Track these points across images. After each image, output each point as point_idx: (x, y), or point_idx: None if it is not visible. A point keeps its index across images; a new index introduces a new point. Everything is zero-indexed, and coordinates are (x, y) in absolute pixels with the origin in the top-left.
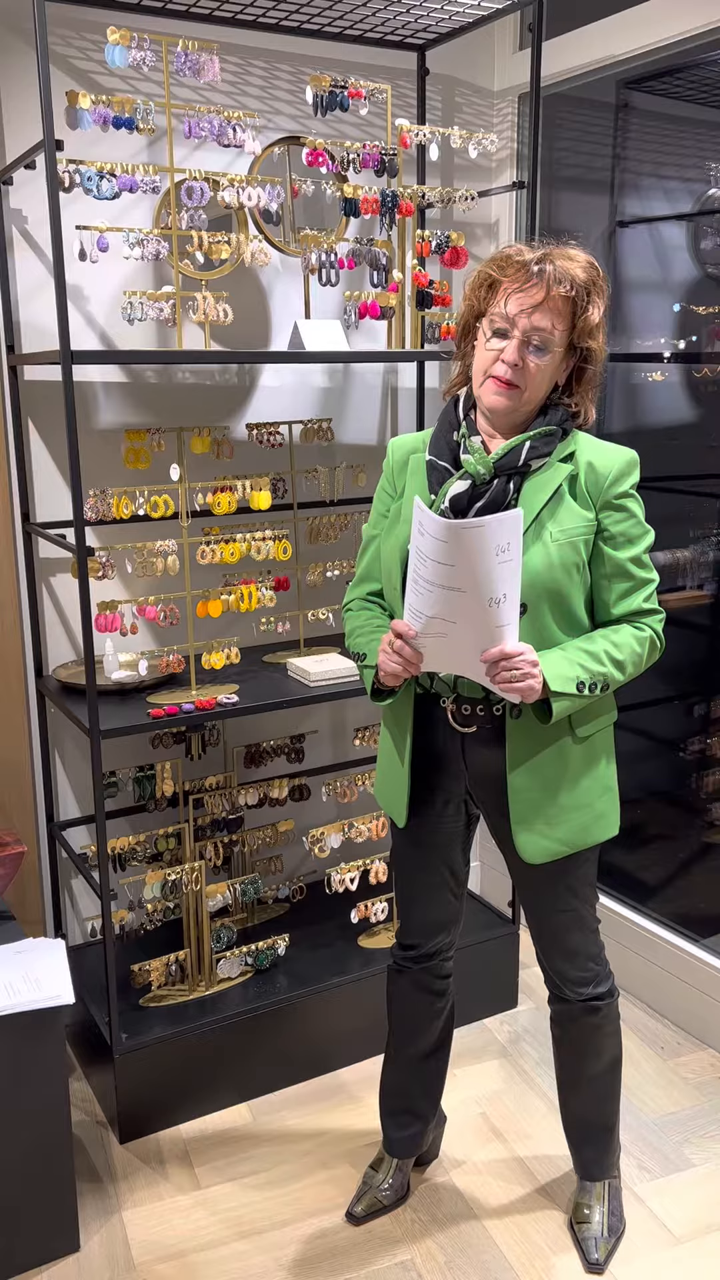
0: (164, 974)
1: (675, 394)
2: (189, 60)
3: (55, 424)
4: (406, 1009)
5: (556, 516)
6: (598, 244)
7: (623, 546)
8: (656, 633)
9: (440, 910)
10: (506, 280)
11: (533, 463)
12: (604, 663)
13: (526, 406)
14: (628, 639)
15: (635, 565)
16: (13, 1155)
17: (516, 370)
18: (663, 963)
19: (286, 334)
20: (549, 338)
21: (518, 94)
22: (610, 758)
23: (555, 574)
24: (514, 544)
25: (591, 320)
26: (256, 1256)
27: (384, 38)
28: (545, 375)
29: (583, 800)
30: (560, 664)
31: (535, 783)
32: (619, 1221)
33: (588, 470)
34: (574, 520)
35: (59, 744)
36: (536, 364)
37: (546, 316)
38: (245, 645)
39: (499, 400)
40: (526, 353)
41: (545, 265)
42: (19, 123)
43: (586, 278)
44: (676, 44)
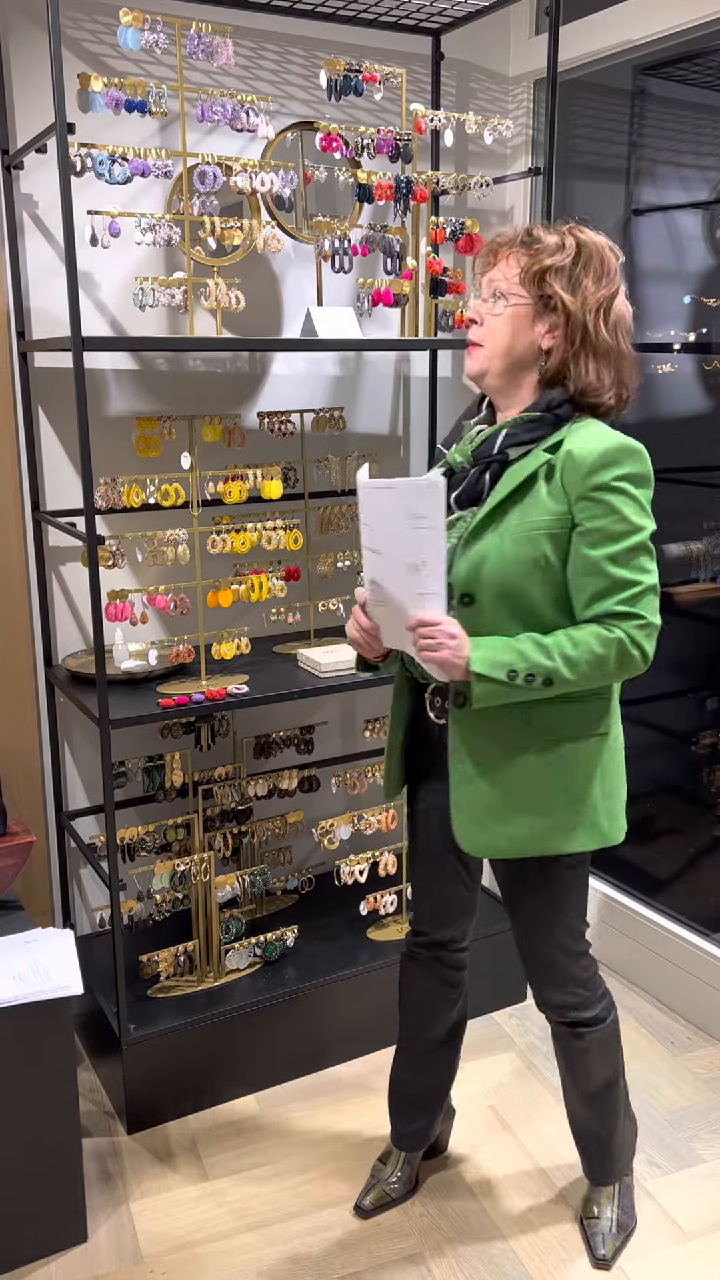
0: (172, 965)
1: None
2: (202, 43)
3: (66, 411)
4: (417, 996)
5: (523, 508)
6: (613, 232)
7: (599, 544)
8: (630, 638)
9: (448, 900)
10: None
11: (510, 451)
12: (552, 656)
13: (498, 367)
14: (588, 637)
15: (612, 564)
16: (21, 1145)
17: (475, 326)
18: (673, 957)
19: (299, 321)
20: (498, 285)
21: (533, 79)
22: (594, 773)
23: (507, 568)
24: (433, 514)
25: (541, 260)
26: (264, 1249)
27: (398, 22)
28: (502, 327)
29: (541, 805)
30: (496, 649)
31: (479, 773)
32: (629, 1218)
33: (566, 459)
34: (541, 513)
35: (68, 734)
36: (490, 314)
37: (500, 268)
38: (255, 635)
39: (468, 363)
40: (482, 306)
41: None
42: (30, 106)
43: (550, 236)
44: (694, 29)
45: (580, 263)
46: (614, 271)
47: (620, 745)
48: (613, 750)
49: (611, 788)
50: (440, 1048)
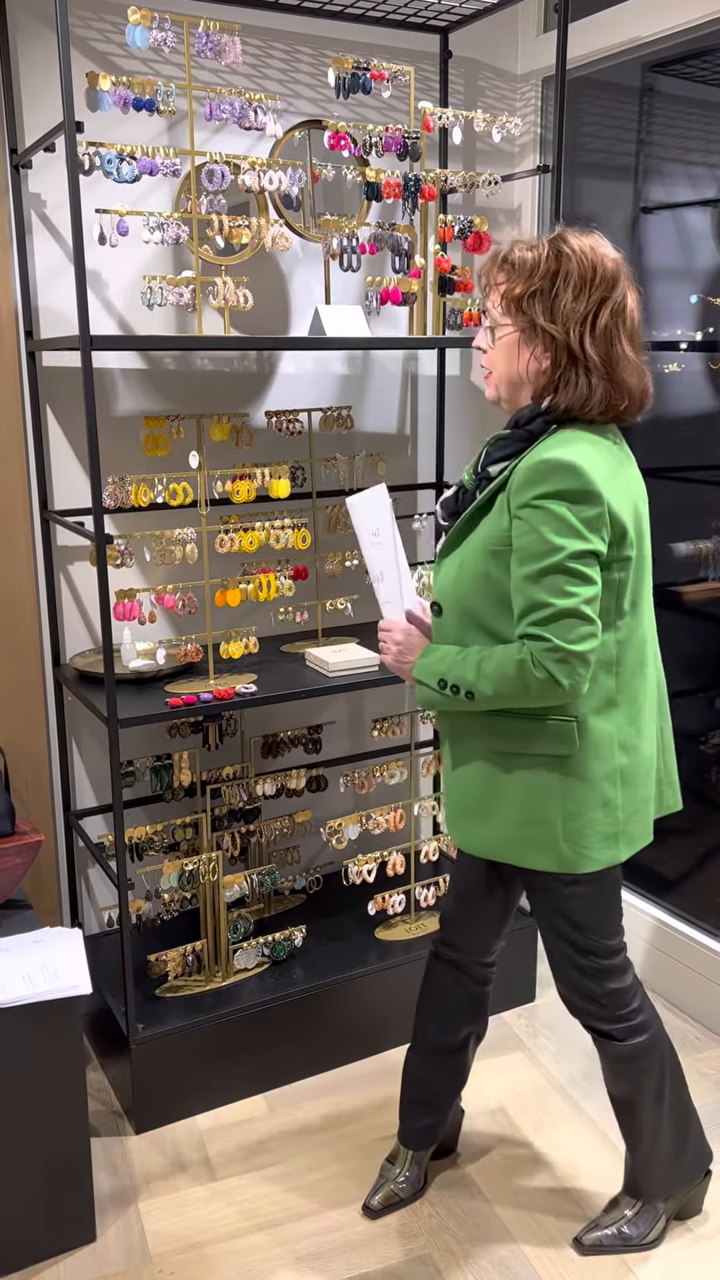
0: (181, 964)
1: (699, 383)
2: (210, 41)
3: (74, 411)
4: (437, 999)
5: (480, 525)
6: (621, 230)
7: (521, 562)
8: (533, 660)
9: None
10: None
11: (491, 469)
12: (471, 668)
13: (505, 390)
14: (501, 655)
15: (528, 583)
16: (30, 1145)
17: (482, 355)
18: (684, 958)
19: (307, 320)
20: (492, 314)
21: (541, 77)
22: (554, 795)
23: (462, 582)
24: (382, 528)
25: (512, 290)
26: (273, 1249)
27: (406, 20)
28: (501, 353)
29: (502, 815)
30: (437, 659)
31: (457, 775)
32: (637, 1235)
33: (514, 475)
34: (490, 529)
35: (76, 733)
36: (488, 340)
37: (491, 298)
38: (263, 634)
39: (487, 390)
40: (483, 337)
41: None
42: (38, 105)
43: (521, 253)
44: (703, 26)
45: (559, 280)
46: (604, 278)
47: (605, 773)
48: (588, 777)
49: (576, 811)
50: (453, 1053)
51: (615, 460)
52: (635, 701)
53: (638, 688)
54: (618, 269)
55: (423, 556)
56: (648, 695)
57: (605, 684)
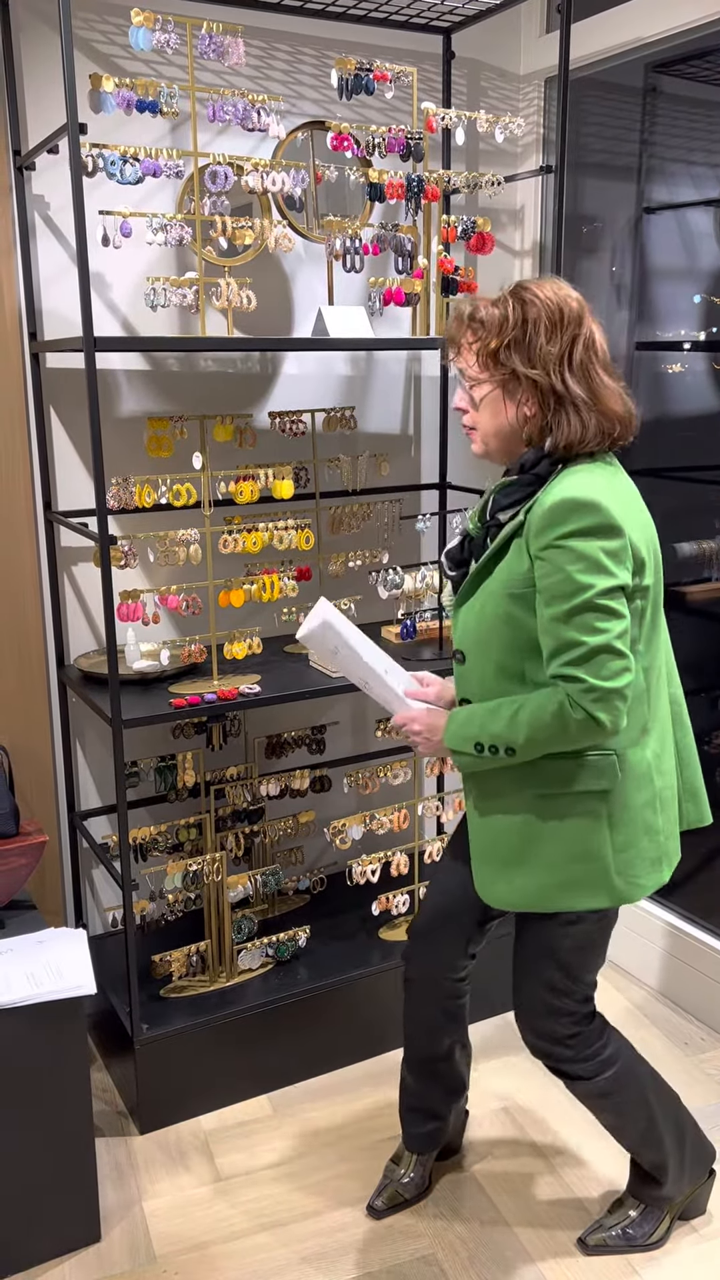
0: (185, 965)
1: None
2: (213, 43)
3: (78, 412)
4: (412, 1011)
5: (497, 570)
6: (624, 230)
7: (549, 602)
8: (571, 701)
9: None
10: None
11: (500, 515)
12: (505, 723)
13: (496, 448)
14: (535, 703)
15: (557, 624)
16: (34, 1145)
17: (463, 414)
18: (687, 958)
19: (310, 321)
20: (467, 374)
21: (544, 78)
22: (599, 826)
23: (481, 627)
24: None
25: (487, 346)
26: (277, 1249)
27: (409, 20)
28: (486, 409)
29: (545, 860)
30: (465, 721)
31: (486, 824)
32: (639, 1236)
33: (531, 518)
34: (509, 572)
35: (80, 734)
36: (467, 399)
37: (460, 355)
38: (267, 635)
39: (473, 447)
40: (463, 395)
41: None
42: (42, 107)
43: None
44: (706, 26)
45: (530, 327)
46: (570, 317)
47: (646, 800)
48: (631, 806)
49: (626, 843)
50: (440, 1062)
51: (628, 490)
52: (661, 723)
53: (661, 709)
54: (581, 307)
55: (426, 556)
56: (667, 714)
57: (639, 713)
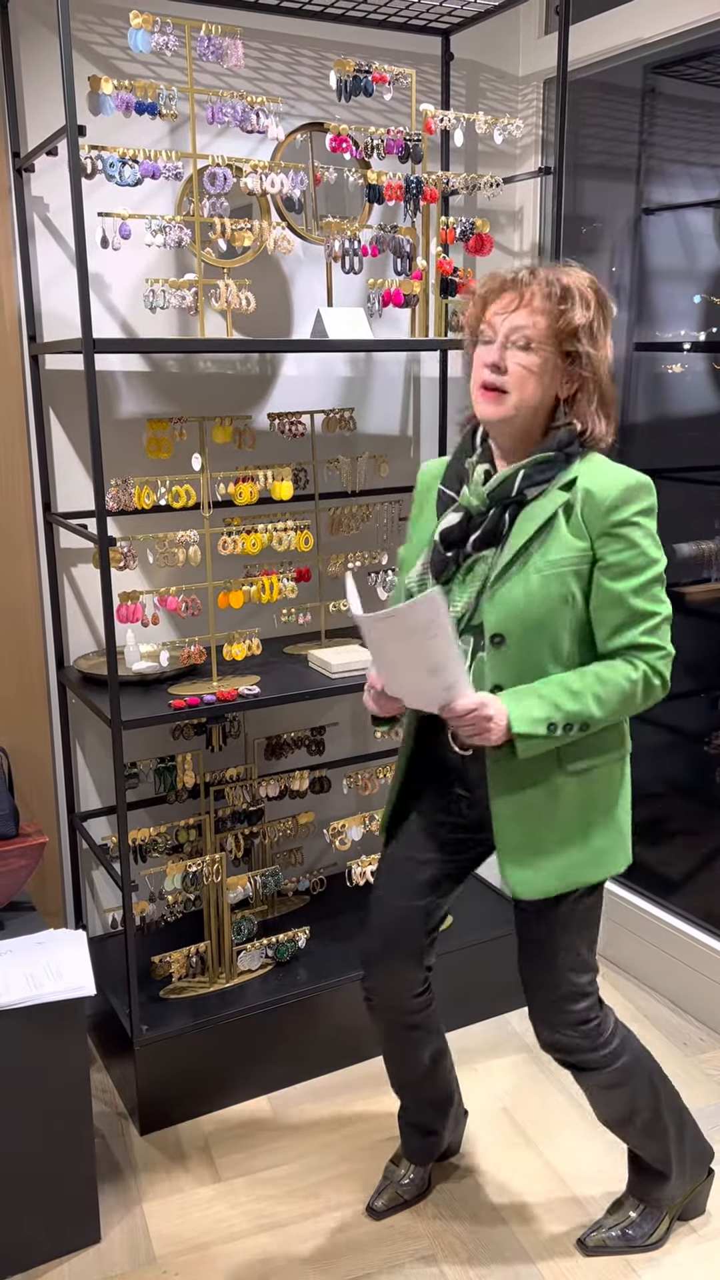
0: (184, 966)
1: (701, 384)
2: (212, 45)
3: (77, 413)
4: (384, 1040)
5: (545, 548)
6: (623, 231)
7: (620, 577)
8: (653, 669)
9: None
10: (487, 291)
11: (528, 492)
12: (584, 700)
13: (521, 416)
14: (617, 676)
15: (635, 597)
16: (34, 1146)
17: (499, 373)
18: (686, 958)
19: (309, 322)
20: (528, 334)
21: (543, 79)
22: (619, 794)
23: (534, 607)
24: (438, 621)
25: (573, 319)
26: (277, 1250)
27: (408, 22)
28: (533, 379)
29: (579, 837)
30: (531, 704)
31: (521, 815)
32: (640, 1236)
33: (585, 498)
34: (564, 551)
35: (80, 735)
36: (519, 364)
37: (524, 315)
38: (266, 636)
39: (488, 409)
40: (507, 353)
41: (523, 274)
42: (41, 109)
43: (570, 281)
44: (705, 27)
45: (600, 318)
46: (611, 316)
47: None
48: (628, 768)
49: (628, 804)
50: (426, 1078)
51: None
52: None
53: None
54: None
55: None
56: None
57: None
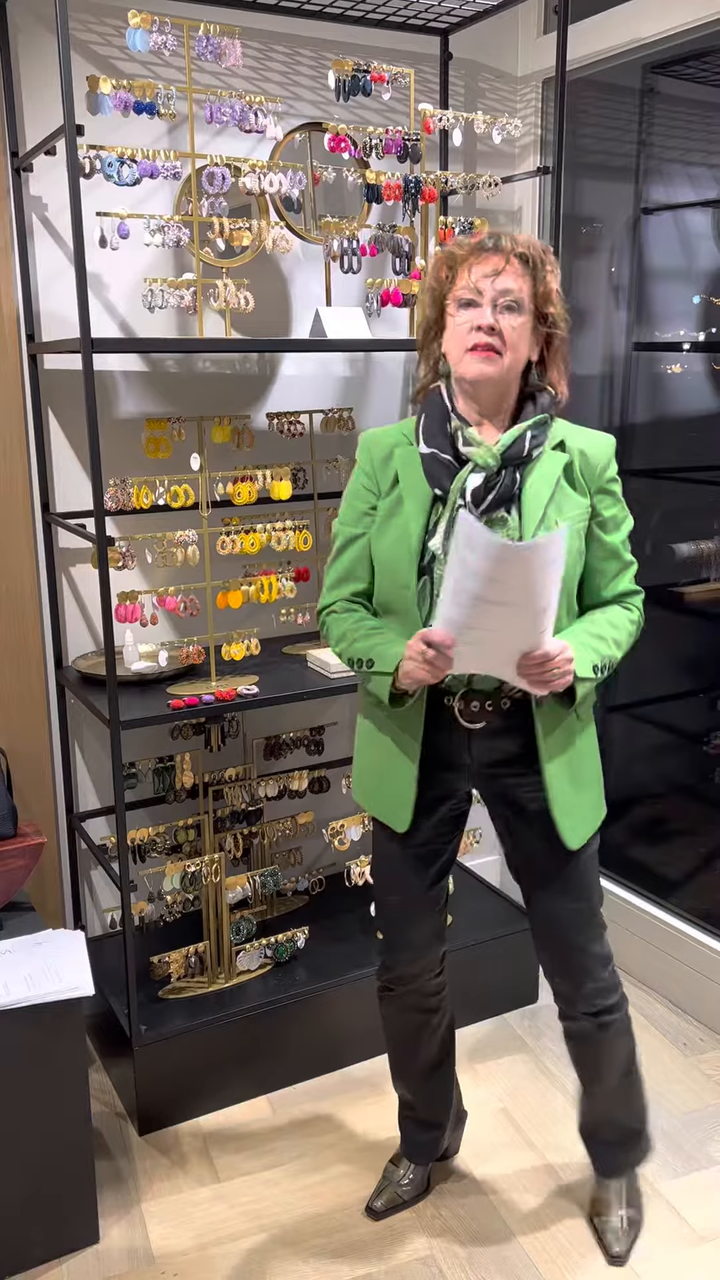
0: (183, 966)
1: (700, 384)
2: (210, 44)
3: (75, 413)
4: (401, 1030)
5: (559, 506)
6: (622, 231)
7: (613, 531)
8: (640, 611)
9: (427, 933)
10: (466, 255)
11: (534, 451)
12: (610, 645)
13: (510, 375)
14: (623, 620)
15: (623, 548)
16: (33, 1147)
17: (494, 334)
18: (686, 959)
19: (308, 322)
20: (518, 298)
21: (542, 79)
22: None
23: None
24: (560, 557)
25: (550, 285)
26: (276, 1250)
27: (407, 22)
28: (521, 339)
29: (594, 775)
30: (581, 651)
31: (565, 770)
32: (639, 1215)
33: (581, 457)
34: (574, 508)
35: (79, 735)
36: (511, 325)
37: (510, 278)
38: (265, 636)
39: (483, 369)
40: (499, 315)
41: (504, 240)
42: (39, 109)
43: (540, 246)
44: (703, 26)
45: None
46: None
47: None
48: None
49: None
50: (434, 1070)
51: None
52: None
53: None
54: None
55: None
56: None
57: None
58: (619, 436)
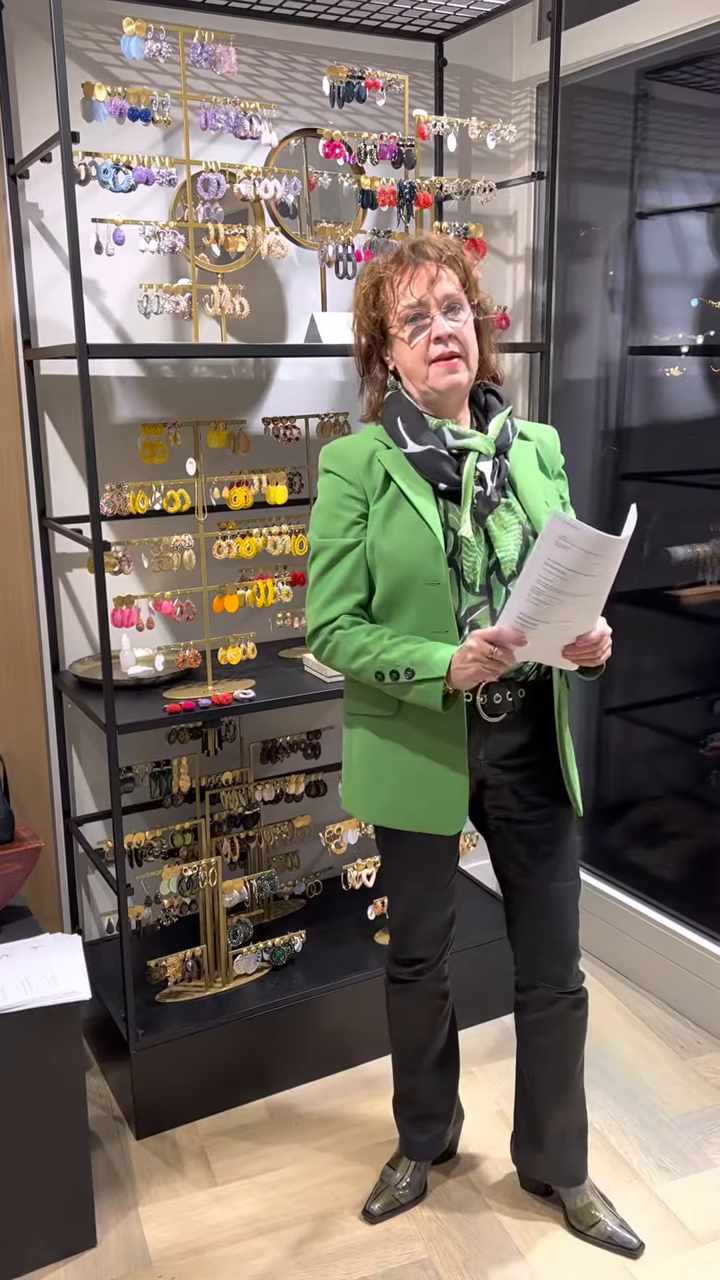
0: (180, 970)
1: (696, 388)
2: (205, 51)
3: (72, 418)
4: (414, 1021)
5: (537, 488)
6: (617, 235)
7: (566, 509)
8: None
9: (445, 915)
10: (396, 271)
11: (513, 438)
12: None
13: (469, 378)
14: None
15: None
16: (30, 1151)
17: (455, 340)
18: (683, 961)
19: (303, 327)
20: (459, 299)
21: (536, 84)
22: None
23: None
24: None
25: (474, 272)
26: (273, 1253)
27: (401, 28)
28: (472, 338)
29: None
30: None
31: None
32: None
33: (541, 445)
34: (549, 491)
35: (76, 739)
36: (461, 327)
37: (447, 282)
38: (261, 640)
39: (453, 377)
40: (450, 320)
41: (420, 245)
42: (35, 116)
43: (452, 239)
44: (697, 32)
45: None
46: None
47: None
48: None
49: None
50: (444, 1058)
51: None
52: None
53: None
54: None
55: None
56: None
57: None
58: (615, 440)
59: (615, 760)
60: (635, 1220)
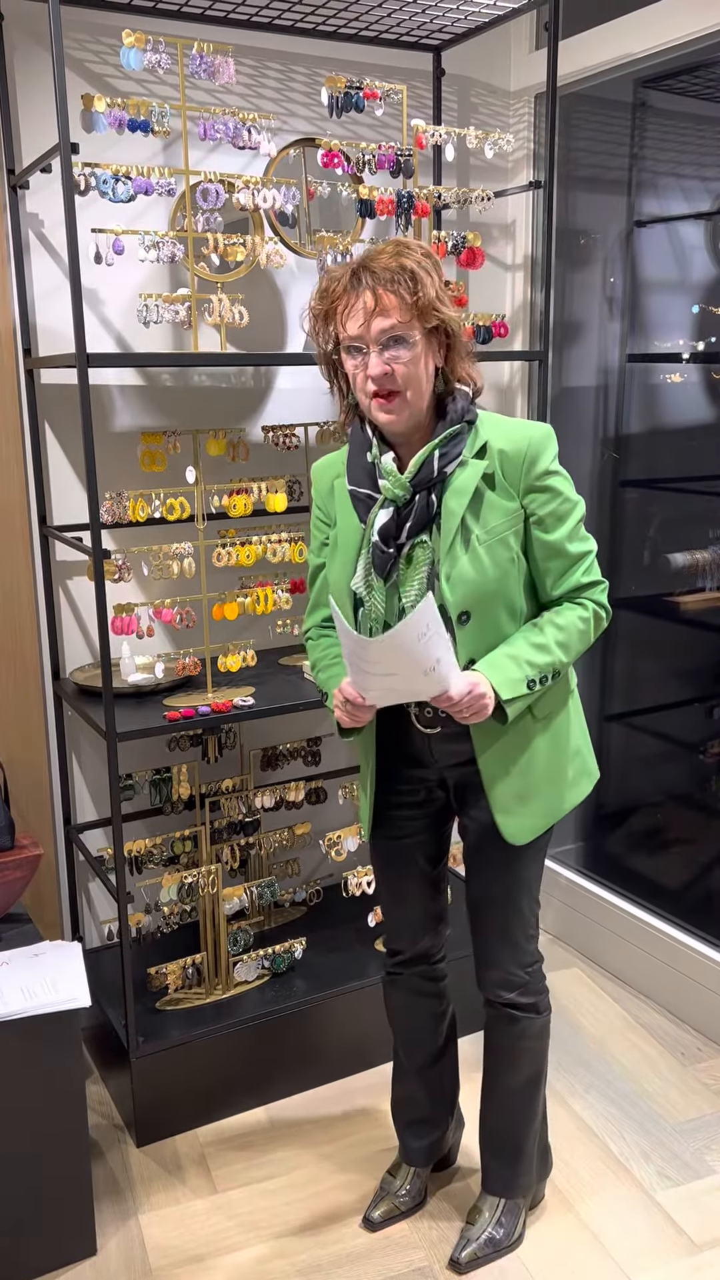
0: (181, 977)
1: (694, 395)
2: (204, 62)
3: (72, 427)
4: (406, 1017)
5: (481, 518)
6: (615, 243)
7: (553, 528)
8: (600, 604)
9: (421, 907)
10: (332, 304)
11: (448, 469)
12: (551, 651)
13: (417, 408)
14: (571, 620)
15: (570, 542)
16: (30, 1159)
17: (388, 378)
18: (683, 968)
19: (302, 336)
20: (400, 330)
21: (534, 94)
22: (573, 722)
23: (489, 578)
24: (432, 623)
25: (429, 296)
26: (273, 1261)
27: (399, 39)
28: (418, 369)
29: (554, 773)
30: (508, 668)
31: (509, 770)
32: (506, 1238)
33: (502, 459)
34: (498, 516)
35: (76, 746)
36: (401, 363)
37: (387, 316)
38: (261, 648)
39: (387, 416)
40: (386, 356)
41: (359, 274)
42: (35, 127)
43: (403, 262)
44: (694, 41)
45: (439, 275)
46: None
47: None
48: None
49: (585, 727)
50: (438, 1061)
51: None
52: None
53: None
54: None
55: None
56: None
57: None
58: (615, 447)
59: (615, 767)
60: (635, 1227)
